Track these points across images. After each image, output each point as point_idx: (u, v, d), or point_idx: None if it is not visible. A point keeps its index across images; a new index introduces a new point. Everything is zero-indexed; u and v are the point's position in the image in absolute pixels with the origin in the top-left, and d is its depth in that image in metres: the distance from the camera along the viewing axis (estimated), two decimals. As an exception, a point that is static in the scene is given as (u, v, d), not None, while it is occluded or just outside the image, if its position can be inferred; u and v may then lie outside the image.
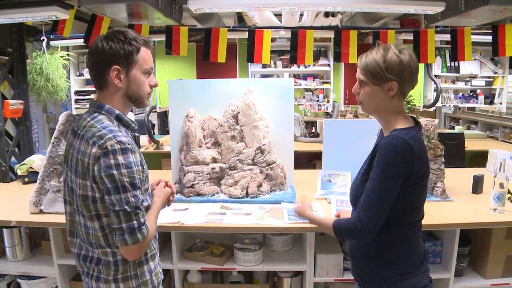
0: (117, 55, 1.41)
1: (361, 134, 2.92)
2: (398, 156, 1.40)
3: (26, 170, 3.14)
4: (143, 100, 1.52)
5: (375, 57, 1.46)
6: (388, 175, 1.41)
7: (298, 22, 4.30)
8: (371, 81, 1.48)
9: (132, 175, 1.35)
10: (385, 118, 1.54)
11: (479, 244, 2.45)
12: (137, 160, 1.39)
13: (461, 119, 7.12)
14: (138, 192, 1.37)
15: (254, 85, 2.84)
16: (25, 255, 2.55)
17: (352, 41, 3.32)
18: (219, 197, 2.68)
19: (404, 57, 1.44)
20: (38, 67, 4.37)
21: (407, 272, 1.54)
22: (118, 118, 1.48)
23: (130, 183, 1.34)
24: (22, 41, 3.43)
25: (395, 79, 1.45)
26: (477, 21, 3.29)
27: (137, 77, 1.46)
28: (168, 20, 3.33)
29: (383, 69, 1.44)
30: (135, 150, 1.39)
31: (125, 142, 1.35)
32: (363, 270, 1.60)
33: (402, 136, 1.42)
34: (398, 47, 1.48)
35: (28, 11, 2.57)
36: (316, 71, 6.09)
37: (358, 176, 1.61)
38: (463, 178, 2.98)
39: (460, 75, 5.65)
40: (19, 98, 3.40)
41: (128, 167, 1.34)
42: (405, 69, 1.44)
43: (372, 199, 1.43)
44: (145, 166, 1.46)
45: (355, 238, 1.56)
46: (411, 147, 1.40)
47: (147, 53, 1.48)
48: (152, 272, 1.55)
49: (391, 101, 1.50)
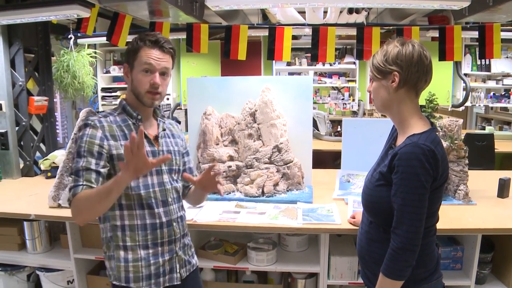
0: (127, 53, 1.59)
1: (381, 133, 2.82)
2: (423, 164, 1.35)
3: (49, 165, 3.22)
4: (142, 97, 1.58)
5: (379, 52, 1.46)
6: (417, 184, 1.36)
7: (322, 19, 4.22)
8: (376, 75, 1.47)
9: (80, 144, 1.50)
10: (398, 116, 1.50)
11: (503, 251, 2.33)
12: (93, 134, 1.51)
13: (493, 120, 6.84)
14: (82, 159, 1.48)
15: (272, 83, 2.81)
16: (44, 248, 2.62)
17: (375, 38, 3.23)
18: (235, 195, 2.66)
19: (406, 48, 1.41)
20: (65, 64, 4.47)
21: (421, 278, 1.48)
22: (123, 107, 1.63)
23: (77, 151, 1.51)
24: (48, 39, 3.52)
25: (395, 69, 1.42)
26: (507, 17, 3.14)
27: (136, 75, 1.57)
28: (188, 18, 3.34)
29: (383, 61, 1.44)
30: (98, 127, 1.52)
31: (90, 120, 1.54)
32: (375, 275, 1.54)
33: (423, 142, 1.37)
34: (404, 39, 1.45)
35: (49, 10, 2.62)
36: (341, 69, 5.99)
37: (371, 180, 1.54)
38: (489, 181, 2.85)
39: (492, 74, 5.43)
40: (44, 95, 3.49)
41: (80, 138, 1.52)
42: (405, 59, 1.41)
43: (406, 213, 1.37)
44: (108, 144, 1.52)
45: (408, 260, 1.39)
46: (433, 152, 1.36)
47: (147, 52, 1.54)
48: (129, 261, 1.57)
49: (396, 94, 1.46)
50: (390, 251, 1.39)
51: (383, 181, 1.45)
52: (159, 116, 1.72)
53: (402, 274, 1.39)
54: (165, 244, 1.62)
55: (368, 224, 1.57)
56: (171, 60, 1.61)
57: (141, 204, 1.58)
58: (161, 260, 1.61)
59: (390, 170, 1.42)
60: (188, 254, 1.76)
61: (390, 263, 1.40)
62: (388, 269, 1.40)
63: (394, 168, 1.39)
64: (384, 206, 1.44)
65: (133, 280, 1.57)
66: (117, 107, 1.65)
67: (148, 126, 1.66)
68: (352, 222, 2.17)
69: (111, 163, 1.54)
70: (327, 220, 2.24)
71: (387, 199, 1.43)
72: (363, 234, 1.59)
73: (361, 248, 1.61)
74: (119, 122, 1.59)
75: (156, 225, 1.60)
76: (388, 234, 1.44)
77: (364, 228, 1.60)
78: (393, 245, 1.38)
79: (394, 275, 1.39)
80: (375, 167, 1.58)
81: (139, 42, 1.55)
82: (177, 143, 1.76)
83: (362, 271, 1.64)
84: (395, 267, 1.39)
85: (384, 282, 1.42)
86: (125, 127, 1.59)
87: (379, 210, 1.48)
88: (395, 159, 1.39)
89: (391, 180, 1.42)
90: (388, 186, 1.43)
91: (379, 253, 1.47)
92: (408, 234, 1.36)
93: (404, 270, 1.39)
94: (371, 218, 1.54)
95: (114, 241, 1.58)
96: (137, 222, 1.57)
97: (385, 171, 1.44)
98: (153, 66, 1.54)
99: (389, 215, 1.43)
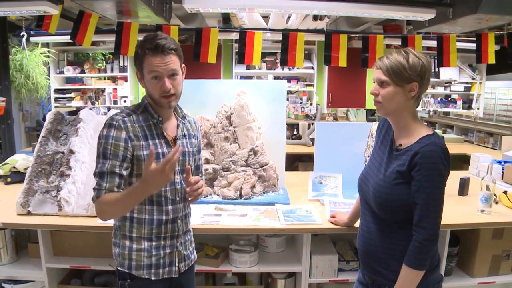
0: (135, 62, 1.60)
1: (351, 136, 2.96)
2: (443, 161, 1.48)
3: (9, 170, 3.03)
4: (159, 101, 1.60)
5: (398, 59, 1.52)
6: (439, 179, 1.49)
7: (285, 24, 4.31)
8: (395, 81, 1.53)
9: (106, 146, 1.53)
10: (404, 120, 1.59)
11: (467, 244, 2.52)
12: (118, 136, 1.54)
13: (437, 123, 7.30)
14: (107, 162, 1.53)
15: (246, 86, 2.84)
16: (10, 259, 2.46)
17: (342, 44, 3.36)
18: (212, 198, 2.66)
19: (424, 60, 1.52)
20: (18, 63, 4.25)
21: (432, 267, 1.59)
22: (145, 107, 1.65)
23: (102, 152, 1.54)
24: (5, 36, 3.33)
25: (416, 80, 1.52)
26: (462, 29, 3.39)
27: (147, 82, 1.60)
28: (158, 19, 3.29)
29: (407, 70, 1.51)
30: (122, 128, 1.55)
31: (114, 119, 1.56)
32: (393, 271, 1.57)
33: (439, 142, 1.50)
34: (415, 51, 1.55)
35: (16, 4, 2.48)
36: (299, 74, 6.13)
37: (386, 180, 1.58)
38: (448, 180, 3.05)
39: (440, 80, 5.81)
40: (1, 95, 3.29)
41: (105, 138, 1.54)
42: (426, 71, 1.52)
43: (432, 207, 1.48)
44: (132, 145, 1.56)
45: (432, 250, 1.51)
46: (447, 151, 1.50)
47: (151, 61, 1.54)
48: (132, 250, 1.63)
49: (409, 103, 1.56)
50: (416, 244, 1.49)
51: (402, 179, 1.53)
52: (180, 116, 1.74)
53: (427, 263, 1.50)
54: (167, 238, 1.68)
55: (378, 223, 1.62)
56: (177, 59, 1.60)
57: (151, 201, 1.63)
58: (162, 253, 1.67)
59: (410, 168, 1.50)
60: (189, 249, 1.81)
61: (416, 255, 1.49)
62: (415, 261, 1.50)
63: (416, 166, 1.48)
64: (404, 203, 1.52)
65: (135, 267, 1.64)
66: (139, 105, 1.67)
67: (168, 126, 1.69)
68: (333, 222, 2.25)
69: (133, 162, 1.59)
70: (308, 220, 2.30)
71: (407, 195, 1.51)
72: (373, 233, 1.64)
73: (371, 247, 1.65)
74: (141, 122, 1.61)
75: (162, 221, 1.66)
76: (403, 229, 1.53)
77: (372, 227, 1.65)
78: (419, 238, 1.48)
79: (421, 266, 1.50)
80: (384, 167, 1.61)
81: (139, 51, 1.55)
82: (192, 144, 1.77)
83: (371, 270, 1.67)
84: (422, 258, 1.49)
85: (411, 273, 1.51)
86: (146, 127, 1.62)
87: (397, 207, 1.55)
88: (416, 157, 1.48)
89: (410, 177, 1.51)
90: (408, 184, 1.52)
91: (397, 248, 1.56)
92: (434, 225, 1.48)
93: (428, 259, 1.50)
94: (384, 216, 1.59)
95: (121, 230, 1.65)
96: (145, 217, 1.64)
97: (404, 170, 1.52)
98: (159, 72, 1.54)
99: (406, 211, 1.52)
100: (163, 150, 1.62)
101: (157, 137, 1.63)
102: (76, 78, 5.79)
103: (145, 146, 1.58)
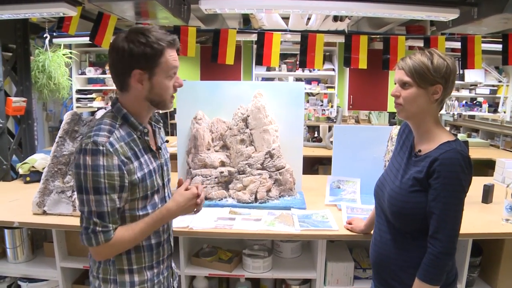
0: (138, 58, 1.32)
1: (371, 140, 2.88)
2: (464, 169, 1.39)
3: (28, 169, 3.07)
4: (166, 103, 1.44)
5: (422, 59, 1.45)
6: (459, 189, 1.40)
7: (305, 26, 4.26)
8: (418, 83, 1.45)
9: (97, 178, 1.26)
10: (426, 125, 1.51)
11: (490, 255, 2.41)
12: (110, 164, 1.27)
13: (462, 127, 7.11)
14: (104, 198, 1.28)
15: (264, 88, 2.79)
16: (26, 257, 2.49)
17: (362, 46, 3.29)
18: (227, 201, 2.63)
19: (450, 61, 1.45)
20: (41, 64, 4.33)
21: (448, 282, 1.51)
22: (125, 117, 1.40)
23: (93, 187, 1.27)
24: (27, 37, 3.37)
25: (441, 82, 1.44)
26: (487, 29, 3.27)
27: (160, 81, 1.38)
28: (176, 20, 3.28)
29: (431, 71, 1.43)
30: (112, 153, 1.28)
31: (99, 143, 1.27)
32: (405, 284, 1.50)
33: (460, 148, 1.41)
34: (440, 52, 1.48)
35: (35, 7, 2.51)
36: (320, 76, 6.07)
37: (403, 187, 1.51)
38: (471, 186, 2.94)
39: (465, 83, 5.65)
40: (22, 95, 3.33)
41: (93, 169, 1.26)
42: (451, 73, 1.45)
43: (449, 218, 1.40)
44: (127, 170, 1.32)
45: (448, 264, 1.43)
46: (469, 158, 1.41)
47: (171, 55, 1.38)
48: (135, 285, 1.44)
49: (432, 106, 1.48)
50: (431, 257, 1.41)
51: (419, 187, 1.46)
52: (153, 121, 1.57)
53: (441, 278, 1.42)
54: (165, 261, 1.56)
55: (392, 232, 1.56)
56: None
57: None
58: (162, 278, 1.54)
59: (428, 175, 1.43)
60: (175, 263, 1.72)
61: (430, 268, 1.41)
62: (429, 275, 1.41)
63: (434, 173, 1.41)
64: (419, 212, 1.45)
65: None
66: (114, 116, 1.40)
67: (150, 136, 1.50)
68: (349, 228, 2.18)
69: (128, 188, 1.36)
70: (324, 226, 2.24)
71: (423, 204, 1.44)
72: (386, 243, 1.58)
73: (383, 258, 1.59)
74: (126, 139, 1.37)
75: (160, 243, 1.52)
76: (417, 241, 1.46)
77: (385, 237, 1.59)
78: (434, 251, 1.40)
79: (435, 280, 1.41)
80: (402, 173, 1.54)
81: (157, 45, 1.33)
82: (165, 148, 1.61)
83: (383, 281, 1.62)
84: (436, 272, 1.41)
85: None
86: (132, 143, 1.39)
87: (412, 216, 1.47)
88: (434, 164, 1.41)
89: (427, 185, 1.43)
90: (425, 192, 1.44)
91: (408, 261, 1.48)
92: (450, 238, 1.39)
93: (443, 274, 1.42)
94: (399, 225, 1.53)
95: (117, 265, 1.43)
96: (143, 243, 1.46)
97: (421, 177, 1.44)
98: (177, 68, 1.44)
99: (421, 221, 1.45)
100: (153, 166, 1.44)
101: (144, 152, 1.42)
102: (98, 79, 5.88)
103: (137, 168, 1.37)
